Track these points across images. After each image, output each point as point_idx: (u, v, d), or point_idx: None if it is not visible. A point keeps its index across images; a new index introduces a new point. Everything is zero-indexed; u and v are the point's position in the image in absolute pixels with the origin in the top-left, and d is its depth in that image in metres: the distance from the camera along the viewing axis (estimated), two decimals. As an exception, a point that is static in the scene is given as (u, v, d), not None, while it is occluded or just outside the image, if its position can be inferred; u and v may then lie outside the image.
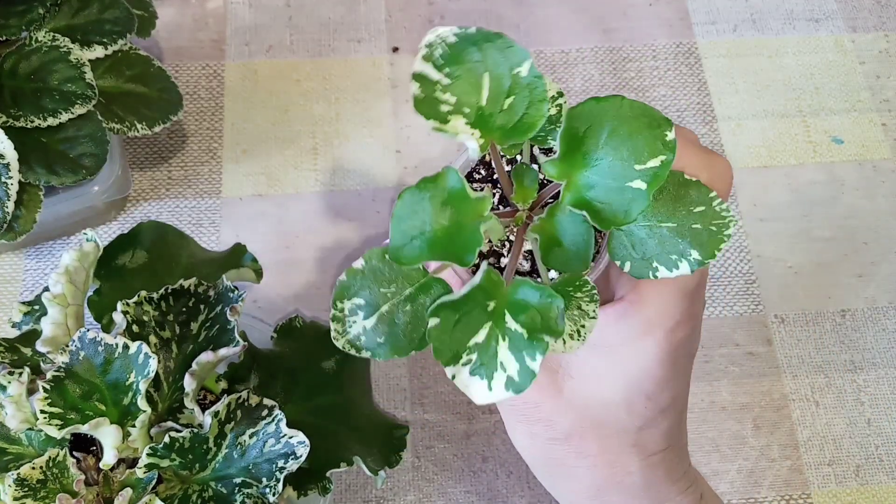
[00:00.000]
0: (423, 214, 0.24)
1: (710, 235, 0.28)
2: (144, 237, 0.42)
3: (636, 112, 0.26)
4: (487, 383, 0.25)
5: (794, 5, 0.66)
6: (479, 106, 0.26)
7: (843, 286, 0.57)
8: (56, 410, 0.33)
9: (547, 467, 0.36)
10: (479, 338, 0.25)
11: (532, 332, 0.25)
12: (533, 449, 0.35)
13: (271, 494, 0.34)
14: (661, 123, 0.26)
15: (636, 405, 0.33)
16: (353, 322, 0.28)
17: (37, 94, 0.47)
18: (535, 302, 0.25)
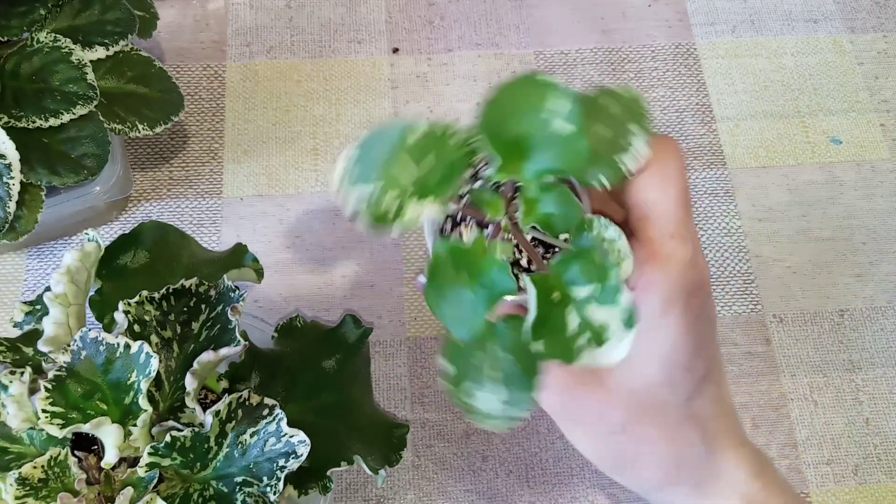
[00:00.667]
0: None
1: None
2: (146, 237, 0.42)
3: (527, 90, 0.28)
4: (608, 346, 0.27)
5: (793, 6, 0.66)
6: (415, 179, 0.29)
7: (842, 286, 0.57)
8: (57, 410, 0.33)
9: (614, 461, 0.37)
10: (573, 325, 0.28)
11: (598, 280, 0.28)
12: (596, 447, 0.36)
13: (272, 493, 0.34)
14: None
15: (677, 379, 0.34)
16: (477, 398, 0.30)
17: (38, 94, 0.47)
18: (579, 266, 0.28)
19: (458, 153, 0.29)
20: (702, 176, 0.60)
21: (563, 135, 0.27)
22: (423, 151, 0.28)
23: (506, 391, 0.30)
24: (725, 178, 0.60)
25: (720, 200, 0.59)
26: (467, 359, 0.30)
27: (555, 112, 0.27)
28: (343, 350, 0.43)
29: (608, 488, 0.51)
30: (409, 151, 0.28)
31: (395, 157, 0.28)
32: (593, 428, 0.36)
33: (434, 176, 0.28)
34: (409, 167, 0.28)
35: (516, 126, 0.28)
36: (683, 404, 0.35)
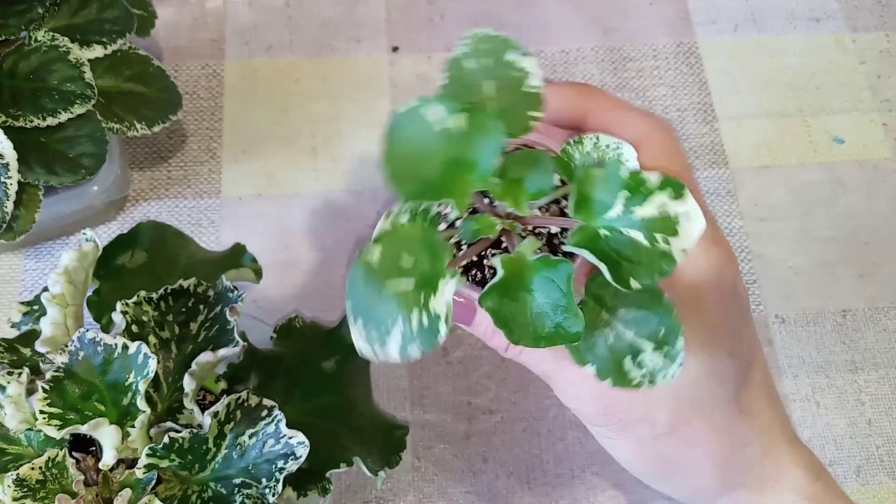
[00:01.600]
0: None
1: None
2: (144, 237, 0.42)
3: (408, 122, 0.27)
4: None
5: (795, 5, 0.66)
6: (413, 286, 0.27)
7: (844, 286, 0.57)
8: (55, 411, 0.33)
9: (662, 469, 0.34)
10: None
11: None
12: (642, 454, 0.33)
13: (271, 495, 0.34)
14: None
15: (722, 368, 0.31)
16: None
17: (36, 93, 0.47)
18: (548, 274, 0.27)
19: (419, 227, 0.27)
20: (703, 175, 0.60)
21: (460, 130, 0.26)
22: (393, 259, 0.26)
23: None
24: (727, 178, 0.60)
25: (722, 200, 0.59)
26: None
27: (437, 121, 0.26)
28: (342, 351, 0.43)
29: (609, 490, 0.51)
30: (382, 272, 0.26)
31: (381, 288, 0.26)
32: (637, 433, 0.32)
33: (422, 264, 0.26)
34: (400, 282, 0.26)
35: (424, 160, 0.26)
36: (734, 398, 0.32)
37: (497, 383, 0.53)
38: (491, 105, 0.29)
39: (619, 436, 0.33)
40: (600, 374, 0.28)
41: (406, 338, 0.25)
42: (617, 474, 0.51)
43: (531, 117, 0.29)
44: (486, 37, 0.29)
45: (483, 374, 0.53)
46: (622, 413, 0.32)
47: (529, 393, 0.53)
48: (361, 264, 0.26)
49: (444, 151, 0.26)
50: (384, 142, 0.26)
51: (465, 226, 0.28)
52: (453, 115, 0.26)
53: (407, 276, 0.26)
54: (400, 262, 0.26)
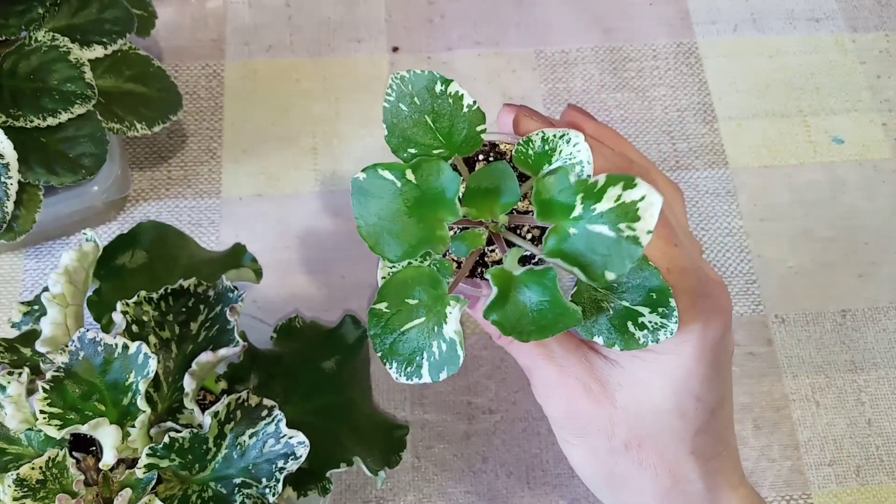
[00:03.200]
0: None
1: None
2: (144, 237, 0.42)
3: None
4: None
5: (795, 5, 0.66)
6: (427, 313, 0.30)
7: (844, 286, 0.57)
8: (55, 411, 0.33)
9: (609, 481, 0.36)
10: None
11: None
12: (594, 463, 0.35)
13: (271, 495, 0.34)
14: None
15: (687, 409, 0.33)
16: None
17: (36, 93, 0.47)
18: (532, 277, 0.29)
19: (415, 269, 0.30)
20: (703, 176, 0.60)
21: (416, 183, 0.29)
22: (399, 302, 0.29)
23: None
24: (727, 178, 0.60)
25: (722, 200, 0.59)
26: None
27: (393, 180, 0.29)
28: (342, 351, 0.43)
29: (609, 489, 0.51)
30: (396, 319, 0.29)
31: (399, 331, 0.29)
32: (593, 442, 0.34)
33: (427, 298, 0.29)
34: (412, 321, 0.29)
35: (396, 218, 0.29)
36: (690, 437, 0.34)
37: (497, 383, 0.53)
38: (437, 138, 0.32)
39: (577, 441, 0.35)
40: (608, 343, 0.30)
41: (433, 366, 0.29)
42: (617, 474, 0.51)
43: (479, 131, 0.31)
44: (407, 78, 0.31)
45: (483, 374, 0.53)
46: (585, 421, 0.34)
47: (529, 393, 0.53)
48: (373, 317, 0.29)
49: (409, 206, 0.29)
50: (355, 211, 0.29)
51: (455, 247, 0.30)
52: (402, 175, 0.29)
53: (416, 313, 0.29)
54: (407, 302, 0.29)
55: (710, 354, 0.33)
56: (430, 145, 0.32)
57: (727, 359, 0.35)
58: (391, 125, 0.32)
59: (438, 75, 0.31)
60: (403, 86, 0.31)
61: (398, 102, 0.31)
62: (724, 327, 0.34)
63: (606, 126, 0.37)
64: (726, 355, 0.35)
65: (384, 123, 0.32)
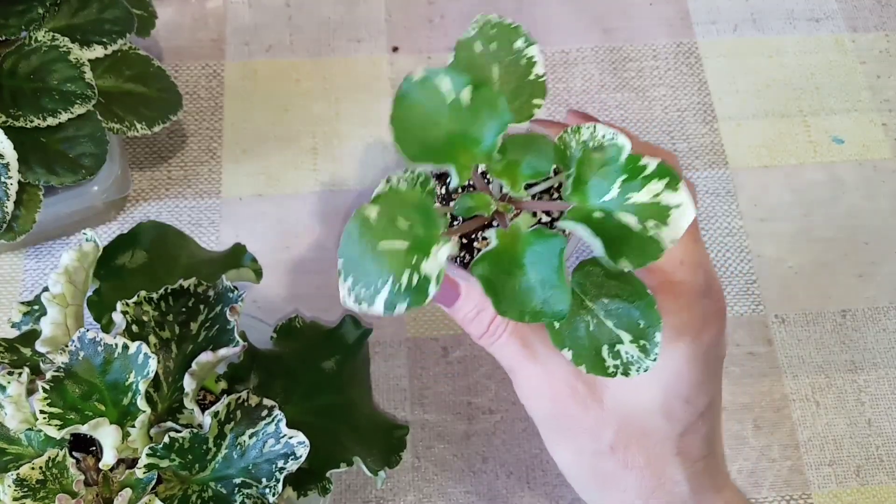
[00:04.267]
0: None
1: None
2: (144, 237, 0.42)
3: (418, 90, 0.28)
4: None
5: (795, 5, 0.66)
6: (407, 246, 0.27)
7: (844, 286, 0.57)
8: (55, 411, 0.33)
9: (594, 481, 0.35)
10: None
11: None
12: (579, 464, 0.35)
13: (271, 495, 0.34)
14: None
15: (675, 410, 0.33)
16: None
17: (36, 93, 0.47)
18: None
19: (417, 195, 0.28)
20: (703, 176, 0.60)
21: (468, 103, 0.27)
22: (389, 220, 0.26)
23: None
24: (727, 178, 0.60)
25: (722, 200, 0.59)
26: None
27: (447, 92, 0.27)
28: (342, 351, 0.43)
29: (609, 489, 0.51)
30: (377, 231, 0.26)
31: (375, 246, 0.26)
32: (579, 443, 0.34)
33: (417, 228, 0.27)
34: (394, 242, 0.26)
35: (430, 126, 0.27)
36: (676, 438, 0.34)
37: (497, 383, 0.53)
38: (497, 87, 0.29)
39: (562, 442, 0.35)
40: (576, 360, 0.29)
41: (394, 295, 0.26)
42: (617, 474, 0.51)
43: (534, 104, 0.29)
44: (495, 23, 0.30)
45: (483, 374, 0.53)
46: (571, 422, 0.34)
47: (529, 393, 0.53)
48: (358, 219, 0.26)
49: (450, 122, 0.27)
50: (393, 105, 0.27)
51: (461, 201, 0.28)
52: (462, 88, 0.27)
53: (401, 237, 0.26)
54: (396, 224, 0.26)
55: (702, 357, 0.33)
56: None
57: (719, 363, 0.35)
58: (460, 57, 0.30)
59: (525, 31, 0.30)
60: (488, 28, 0.30)
61: (477, 38, 0.30)
62: (720, 331, 0.34)
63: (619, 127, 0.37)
64: (718, 360, 0.35)
65: (454, 50, 0.30)
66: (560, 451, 0.35)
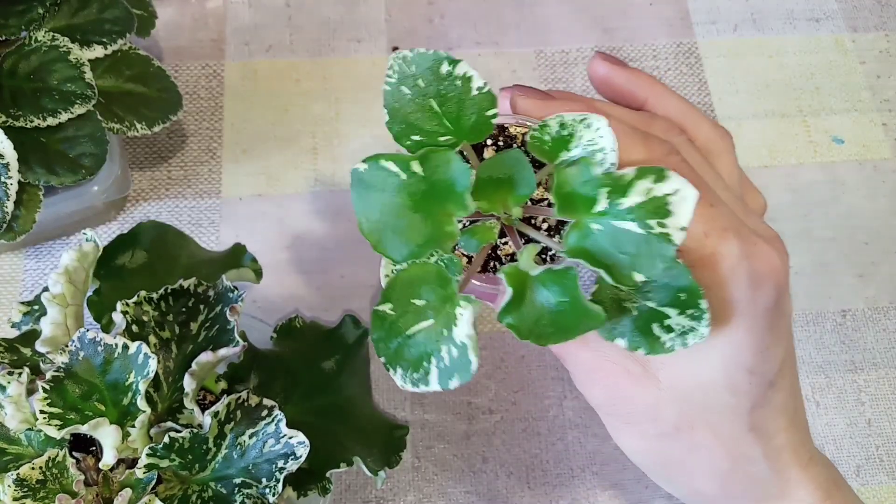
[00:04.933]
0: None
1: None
2: (144, 237, 0.42)
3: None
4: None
5: (795, 5, 0.66)
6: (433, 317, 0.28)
7: (844, 286, 0.57)
8: (55, 411, 0.33)
9: (664, 468, 0.33)
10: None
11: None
12: (645, 449, 0.33)
13: (271, 495, 0.34)
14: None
15: (740, 383, 0.30)
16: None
17: (36, 93, 0.47)
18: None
19: (421, 267, 0.27)
20: (703, 175, 0.60)
21: (422, 175, 0.27)
22: (404, 307, 0.27)
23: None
24: (727, 178, 0.60)
25: (721, 200, 0.59)
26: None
27: (394, 174, 0.27)
28: (342, 351, 0.43)
29: (609, 490, 0.51)
30: (401, 322, 0.27)
31: (405, 334, 0.27)
32: (642, 428, 0.32)
33: (435, 298, 0.27)
34: (419, 323, 0.27)
35: (398, 218, 0.27)
36: (746, 413, 0.31)
37: (497, 383, 0.53)
38: (443, 124, 0.29)
39: (625, 427, 0.33)
40: (631, 346, 0.28)
41: (443, 373, 0.26)
42: (616, 474, 0.51)
43: (489, 116, 0.29)
44: (411, 58, 0.29)
45: (483, 373, 0.53)
46: (630, 405, 0.32)
47: (529, 393, 0.53)
48: (377, 319, 0.27)
49: (414, 200, 0.27)
50: (354, 202, 0.27)
51: (465, 242, 0.28)
52: (406, 169, 0.27)
53: (424, 315, 0.27)
54: (414, 303, 0.27)
55: (762, 321, 0.30)
56: (435, 132, 0.29)
57: (785, 323, 0.32)
58: (392, 110, 0.29)
59: (445, 55, 0.29)
60: (406, 66, 0.29)
61: (400, 85, 0.29)
62: (777, 289, 0.31)
63: (639, 72, 0.35)
64: (783, 319, 0.32)
65: (385, 108, 0.29)
66: (624, 438, 0.33)
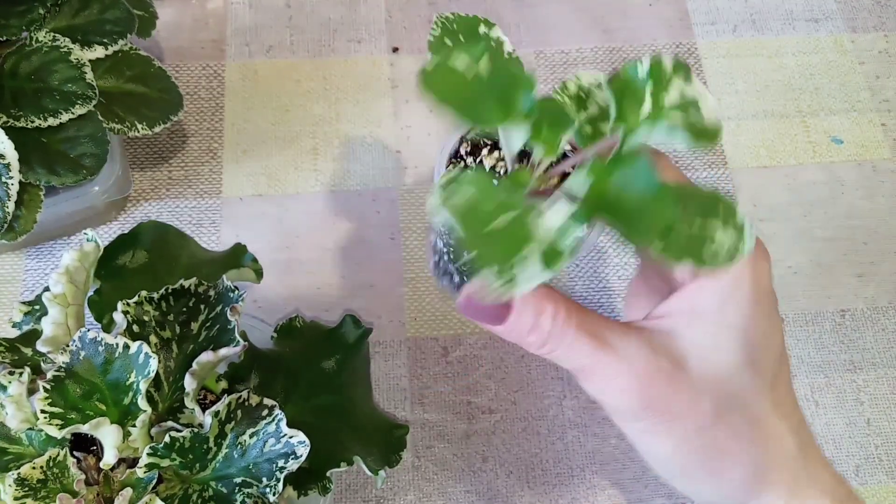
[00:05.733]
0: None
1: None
2: (145, 237, 0.42)
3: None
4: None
5: (794, 5, 0.66)
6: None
7: (843, 286, 0.57)
8: (56, 410, 0.33)
9: (704, 464, 0.32)
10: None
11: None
12: (685, 449, 0.32)
13: (271, 494, 0.34)
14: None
15: (759, 358, 0.32)
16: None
17: (37, 94, 0.47)
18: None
19: (481, 174, 0.28)
20: (703, 176, 0.60)
21: (489, 78, 0.28)
22: (483, 199, 0.27)
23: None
24: (726, 178, 0.60)
25: (721, 200, 0.59)
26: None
27: (467, 68, 0.28)
28: (343, 350, 0.43)
29: (608, 489, 0.51)
30: (484, 214, 0.26)
31: (489, 228, 0.26)
32: (680, 425, 0.31)
33: (507, 199, 0.27)
34: (499, 220, 0.26)
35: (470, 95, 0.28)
36: (768, 391, 0.32)
37: (497, 383, 0.53)
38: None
39: (660, 430, 0.32)
40: (697, 262, 0.28)
41: (534, 268, 0.26)
42: (616, 473, 0.51)
43: (529, 76, 0.30)
44: (453, 18, 0.32)
45: (483, 373, 0.53)
46: (664, 403, 0.31)
47: (529, 392, 0.53)
48: (458, 214, 0.26)
49: (487, 80, 0.28)
50: (425, 85, 0.27)
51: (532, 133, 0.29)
52: (477, 59, 0.28)
53: (502, 211, 0.26)
54: (489, 202, 0.26)
55: (765, 299, 0.31)
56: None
57: (776, 304, 0.33)
58: (437, 53, 0.31)
59: (483, 18, 0.32)
60: (448, 24, 0.32)
61: (443, 37, 0.32)
62: (770, 272, 0.32)
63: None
64: (775, 300, 0.33)
65: (429, 50, 0.32)
66: (658, 445, 0.32)
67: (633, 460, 0.51)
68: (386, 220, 0.57)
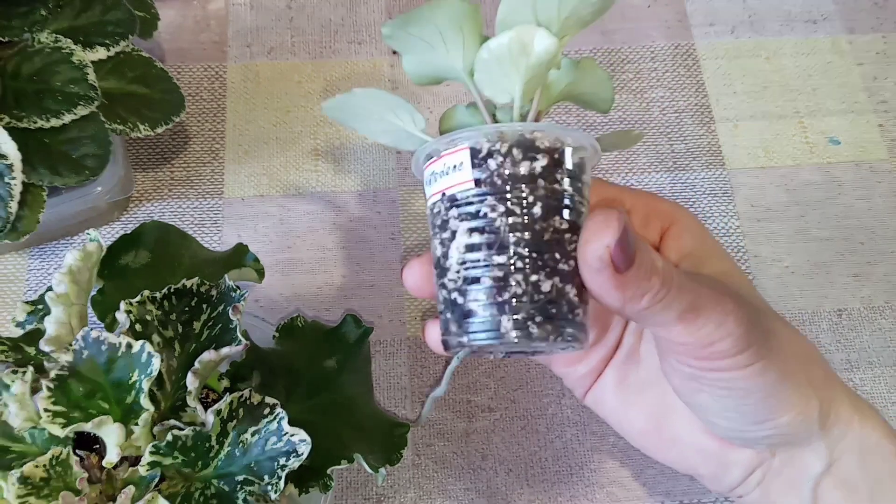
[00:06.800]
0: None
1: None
2: (147, 237, 0.42)
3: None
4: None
5: (792, 7, 0.66)
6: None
7: (840, 286, 0.57)
8: (59, 409, 0.33)
9: (794, 390, 0.31)
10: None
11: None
12: (779, 384, 0.31)
13: (273, 492, 0.34)
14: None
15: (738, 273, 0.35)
16: None
17: (39, 95, 0.47)
18: None
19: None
20: (700, 176, 0.60)
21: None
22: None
23: None
24: (724, 179, 0.60)
25: (719, 201, 0.59)
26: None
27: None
28: (344, 349, 0.44)
29: (607, 487, 0.51)
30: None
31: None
32: (777, 356, 0.31)
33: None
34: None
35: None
36: (790, 327, 0.34)
37: (496, 381, 0.53)
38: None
39: (758, 368, 0.30)
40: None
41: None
42: (615, 471, 0.51)
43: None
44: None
45: (482, 372, 0.54)
46: (765, 338, 0.30)
47: (528, 391, 0.53)
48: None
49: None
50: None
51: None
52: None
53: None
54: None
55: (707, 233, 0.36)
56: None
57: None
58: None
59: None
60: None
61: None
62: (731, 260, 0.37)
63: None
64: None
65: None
66: (757, 378, 0.30)
67: (632, 458, 0.52)
68: (387, 219, 0.58)
